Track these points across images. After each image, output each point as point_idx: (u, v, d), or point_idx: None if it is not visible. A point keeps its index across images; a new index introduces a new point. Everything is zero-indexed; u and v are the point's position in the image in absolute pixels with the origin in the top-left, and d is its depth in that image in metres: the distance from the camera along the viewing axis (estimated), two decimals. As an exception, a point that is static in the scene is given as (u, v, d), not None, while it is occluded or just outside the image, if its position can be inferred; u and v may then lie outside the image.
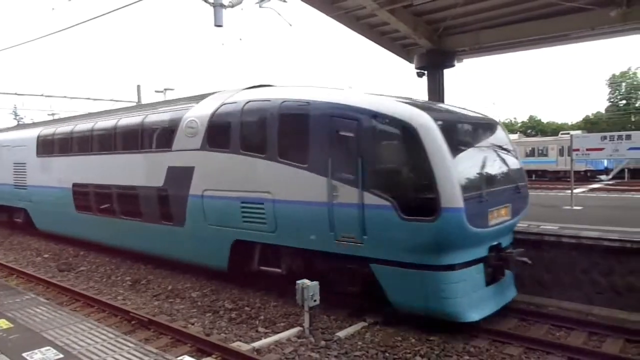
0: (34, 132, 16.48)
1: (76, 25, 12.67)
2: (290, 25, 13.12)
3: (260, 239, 9.03)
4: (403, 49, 15.78)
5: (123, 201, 12.02)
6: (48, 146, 15.42)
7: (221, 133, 9.53)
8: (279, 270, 9.03)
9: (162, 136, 11.13)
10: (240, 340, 7.27)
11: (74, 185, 13.75)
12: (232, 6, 12.04)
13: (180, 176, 10.19)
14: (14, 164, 17.03)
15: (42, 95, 29.33)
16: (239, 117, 9.25)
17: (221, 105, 9.74)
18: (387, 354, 6.72)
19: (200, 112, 10.14)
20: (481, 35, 13.93)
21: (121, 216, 12.03)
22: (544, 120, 63.57)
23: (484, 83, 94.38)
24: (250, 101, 9.25)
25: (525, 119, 65.63)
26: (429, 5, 12.71)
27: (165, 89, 28.76)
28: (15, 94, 29.12)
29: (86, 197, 13.31)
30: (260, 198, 8.68)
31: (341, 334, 7.39)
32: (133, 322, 8.21)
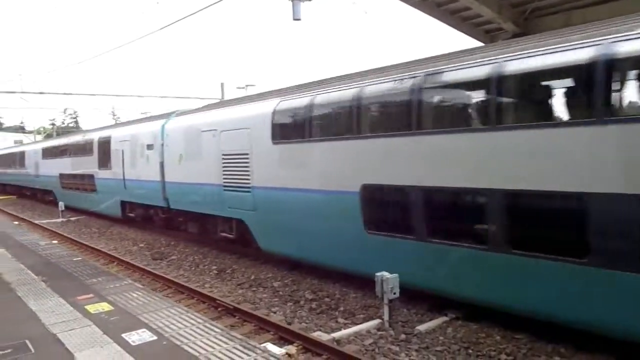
0: (264, 107, 10.91)
1: (164, 27, 13.37)
2: (366, 12, 12.94)
3: None
4: (486, 35, 15.14)
5: (528, 220, 6.56)
6: (297, 126, 10.04)
7: None
8: None
9: None
10: (320, 330, 7.39)
11: (365, 187, 8.41)
12: (310, -1, 12.12)
13: None
14: (224, 155, 11.81)
15: (135, 95, 31.47)
16: None
17: None
18: (470, 351, 6.51)
19: None
20: (573, 15, 13.01)
21: (513, 250, 6.42)
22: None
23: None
24: None
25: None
26: (515, -14, 12.06)
27: (247, 85, 29.81)
28: (113, 95, 31.45)
29: (401, 208, 8.12)
30: None
31: (421, 327, 7.27)
32: (219, 309, 8.60)
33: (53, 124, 69.85)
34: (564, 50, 6.12)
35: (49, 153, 27.21)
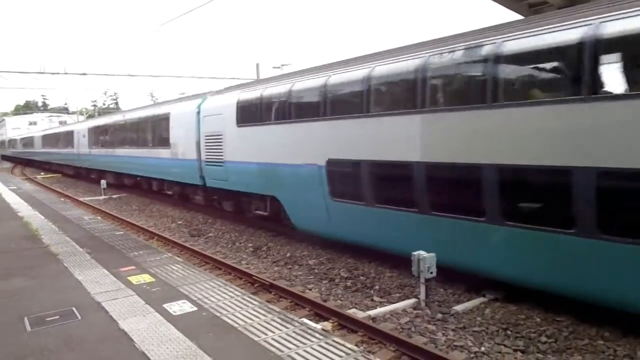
0: None
1: (200, 7, 12.98)
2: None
3: None
4: (529, 9, 14.54)
5: None
6: None
7: None
8: None
9: None
10: (356, 308, 7.40)
11: None
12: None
13: None
14: None
15: (173, 76, 32.00)
16: None
17: None
18: (509, 332, 6.40)
19: None
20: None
21: None
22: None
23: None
24: None
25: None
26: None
27: (282, 65, 29.85)
28: (152, 75, 32.08)
29: None
30: None
31: (458, 308, 7.19)
32: (256, 285, 8.72)
33: (95, 105, 71.94)
34: None
35: (277, 111, 11.78)
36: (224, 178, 13.67)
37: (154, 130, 18.94)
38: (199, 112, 14.95)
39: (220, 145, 13.65)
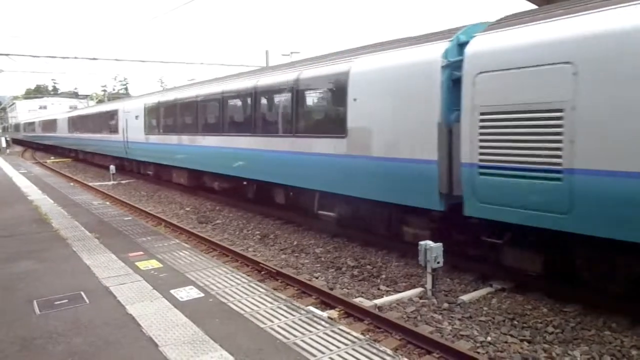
0: None
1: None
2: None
3: None
4: (543, -2, 14.27)
5: None
6: None
7: None
8: None
9: None
10: (362, 297, 7.41)
11: None
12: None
13: None
14: None
15: (183, 62, 31.96)
16: None
17: None
18: (516, 322, 6.38)
19: None
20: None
21: None
22: None
23: None
24: None
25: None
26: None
27: (292, 52, 29.67)
28: (161, 62, 32.03)
29: None
30: None
31: (465, 297, 7.17)
32: (263, 272, 8.75)
33: (104, 90, 72.22)
34: None
35: None
36: (560, 208, 6.02)
37: (298, 106, 11.08)
38: (451, 65, 7.50)
39: (556, 133, 5.97)
